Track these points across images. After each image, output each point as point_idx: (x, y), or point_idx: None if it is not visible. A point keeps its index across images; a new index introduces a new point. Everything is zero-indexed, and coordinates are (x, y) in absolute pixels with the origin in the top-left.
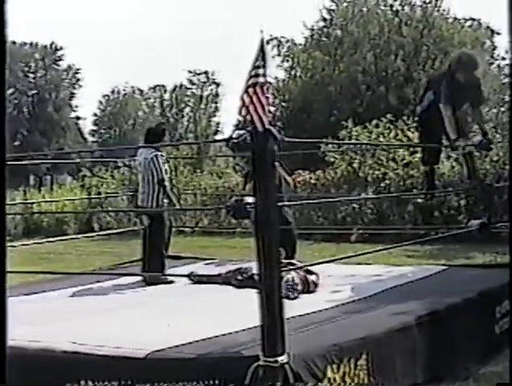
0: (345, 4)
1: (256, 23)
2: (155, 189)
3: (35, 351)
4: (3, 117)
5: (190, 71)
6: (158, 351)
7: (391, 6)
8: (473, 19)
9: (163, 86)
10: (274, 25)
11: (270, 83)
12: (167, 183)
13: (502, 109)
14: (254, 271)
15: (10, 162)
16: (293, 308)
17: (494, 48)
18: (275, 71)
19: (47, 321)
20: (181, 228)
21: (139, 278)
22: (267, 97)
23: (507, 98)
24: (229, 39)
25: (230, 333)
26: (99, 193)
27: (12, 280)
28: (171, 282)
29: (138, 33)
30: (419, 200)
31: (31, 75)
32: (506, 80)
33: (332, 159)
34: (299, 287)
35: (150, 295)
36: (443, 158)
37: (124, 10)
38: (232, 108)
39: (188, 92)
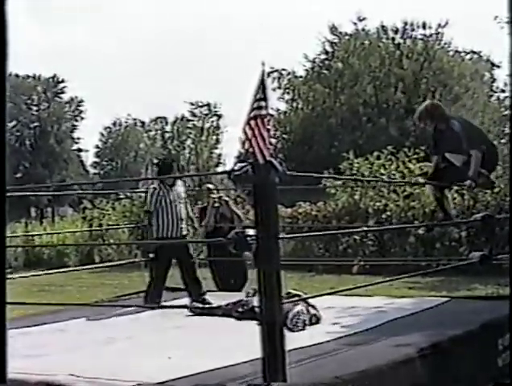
0: (347, 37)
1: (257, 55)
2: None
3: (35, 385)
4: (3, 148)
5: (192, 104)
6: (159, 383)
7: (393, 38)
8: (474, 52)
9: (165, 118)
10: (274, 57)
11: (271, 115)
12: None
13: (503, 141)
14: (255, 303)
15: (11, 194)
16: (294, 340)
17: (494, 81)
18: (276, 103)
19: (46, 353)
20: None
21: (139, 310)
22: (268, 130)
23: (507, 130)
24: (230, 70)
25: (231, 365)
26: (100, 225)
27: (12, 312)
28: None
29: (139, 65)
30: (420, 232)
31: (34, 108)
32: (506, 112)
33: (333, 191)
34: (306, 320)
35: (151, 327)
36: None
37: (124, 42)
38: (233, 140)
39: (190, 124)
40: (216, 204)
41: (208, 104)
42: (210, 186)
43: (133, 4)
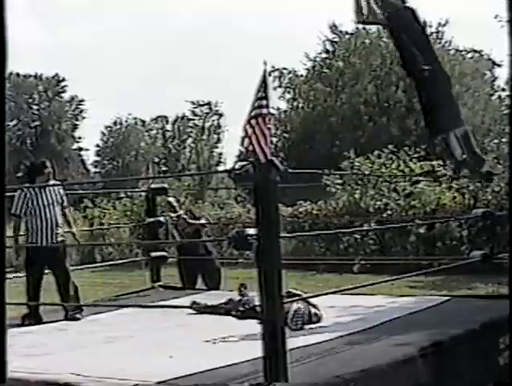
0: (348, 36)
1: (258, 54)
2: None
3: (37, 384)
4: (3, 147)
5: (192, 103)
6: (160, 382)
7: None
8: (475, 51)
9: (165, 117)
10: (275, 56)
11: (272, 114)
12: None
13: (504, 140)
14: (256, 302)
15: (12, 193)
16: (295, 339)
17: (495, 79)
18: (277, 102)
19: (48, 352)
20: None
21: (141, 309)
22: (269, 128)
23: (508, 129)
24: (231, 69)
25: (233, 364)
26: (101, 224)
27: (13, 311)
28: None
29: (140, 64)
30: (421, 230)
31: (35, 107)
32: (507, 110)
33: (333, 190)
34: (307, 319)
35: (152, 326)
36: (445, 188)
37: (125, 42)
38: (234, 139)
39: (190, 123)
40: (174, 223)
41: (209, 103)
42: (171, 199)
43: (133, 4)
